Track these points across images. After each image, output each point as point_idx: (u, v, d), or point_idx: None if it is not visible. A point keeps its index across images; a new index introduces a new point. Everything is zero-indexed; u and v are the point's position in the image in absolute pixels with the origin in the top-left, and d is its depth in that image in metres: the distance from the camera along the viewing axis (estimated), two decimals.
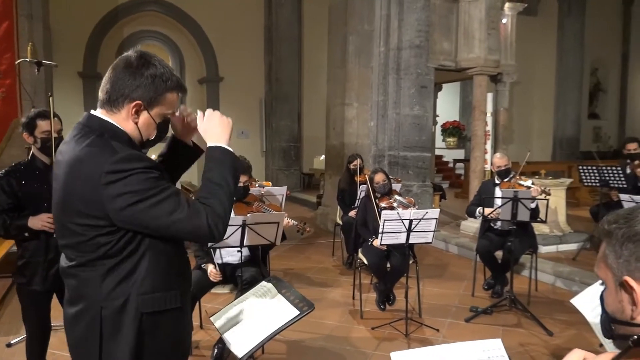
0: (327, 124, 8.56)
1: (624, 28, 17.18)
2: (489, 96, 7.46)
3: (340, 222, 6.21)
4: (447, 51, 7.69)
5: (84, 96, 11.21)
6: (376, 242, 4.21)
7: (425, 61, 7.47)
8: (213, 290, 3.79)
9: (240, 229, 3.18)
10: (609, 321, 0.94)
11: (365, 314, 4.45)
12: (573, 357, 0.91)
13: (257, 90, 12.54)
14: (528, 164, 11.87)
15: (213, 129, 1.59)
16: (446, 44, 7.68)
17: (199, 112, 1.66)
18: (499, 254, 4.89)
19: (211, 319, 2.27)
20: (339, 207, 6.41)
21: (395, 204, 4.44)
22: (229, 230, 3.17)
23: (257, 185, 5.03)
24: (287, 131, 12.42)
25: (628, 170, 5.82)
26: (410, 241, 3.97)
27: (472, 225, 7.05)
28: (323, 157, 9.64)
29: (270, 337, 2.06)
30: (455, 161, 14.16)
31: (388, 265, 4.43)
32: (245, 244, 3.28)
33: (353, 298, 4.85)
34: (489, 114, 7.38)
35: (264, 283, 2.33)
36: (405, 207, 4.33)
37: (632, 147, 5.90)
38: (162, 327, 1.53)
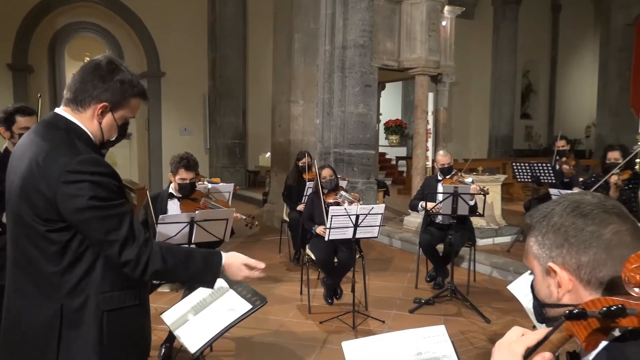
0: (272, 121, 8.56)
1: (552, 33, 18.27)
2: (430, 96, 7.72)
3: (287, 219, 6.24)
4: (390, 51, 7.89)
5: (13, 89, 10.58)
6: (320, 229, 4.31)
7: (369, 60, 7.63)
8: (159, 290, 3.72)
9: (188, 227, 3.15)
10: (540, 306, 1.03)
11: (314, 309, 4.51)
12: (513, 333, 0.99)
13: (201, 86, 12.31)
14: (466, 161, 12.38)
15: (236, 268, 1.74)
16: (389, 44, 7.88)
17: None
18: (440, 247, 5.10)
19: (162, 316, 2.25)
20: (285, 204, 6.44)
21: (340, 200, 4.53)
22: (177, 227, 3.13)
23: (205, 182, 4.98)
24: (232, 128, 12.29)
25: (557, 167, 6.22)
26: (357, 236, 4.07)
27: (414, 220, 7.29)
28: (269, 154, 9.62)
29: (224, 332, 2.06)
30: (398, 158, 14.54)
31: (335, 260, 4.51)
32: (193, 241, 3.24)
33: (301, 293, 4.90)
34: (429, 113, 7.64)
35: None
36: (350, 202, 4.43)
37: (560, 144, 6.31)
38: (122, 323, 1.55)
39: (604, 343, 0.91)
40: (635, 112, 9.65)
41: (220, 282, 2.29)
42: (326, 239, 4.00)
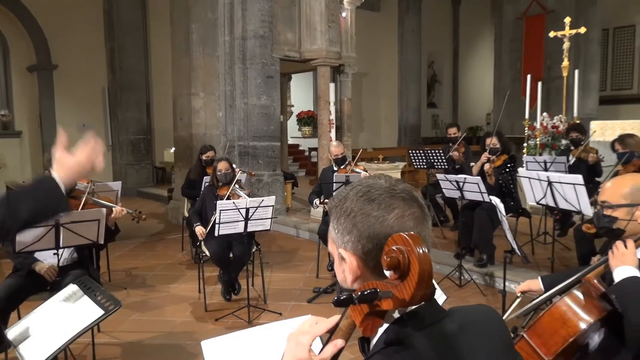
0: (174, 115, 8.26)
1: (453, 26, 19.18)
2: (332, 86, 7.79)
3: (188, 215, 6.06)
4: (291, 42, 7.86)
5: None
6: (198, 229, 4.36)
7: (270, 51, 7.56)
8: (32, 298, 3.44)
9: (54, 230, 2.92)
10: (340, 290, 1.02)
11: (210, 306, 4.41)
12: (305, 323, 0.98)
13: (99, 79, 11.58)
14: (375, 150, 12.69)
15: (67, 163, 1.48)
16: (290, 35, 7.85)
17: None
18: None
19: (7, 332, 2.06)
20: (186, 199, 6.24)
21: (231, 194, 4.44)
22: (42, 230, 2.90)
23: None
24: (135, 123, 11.70)
25: (450, 154, 6.52)
26: (249, 229, 4.02)
27: (321, 211, 7.35)
28: (174, 149, 9.29)
29: (72, 340, 1.93)
30: (310, 150, 14.63)
31: (231, 255, 4.43)
32: (62, 245, 3.02)
33: (199, 292, 4.77)
34: (332, 104, 7.72)
35: (70, 286, 2.18)
36: (240, 196, 4.36)
37: (452, 131, 6.61)
38: None
39: (385, 325, 0.92)
40: (525, 100, 10.33)
41: (73, 289, 2.15)
42: (216, 234, 3.91)
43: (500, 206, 3.20)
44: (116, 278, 5.28)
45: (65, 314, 2.00)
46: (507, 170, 4.88)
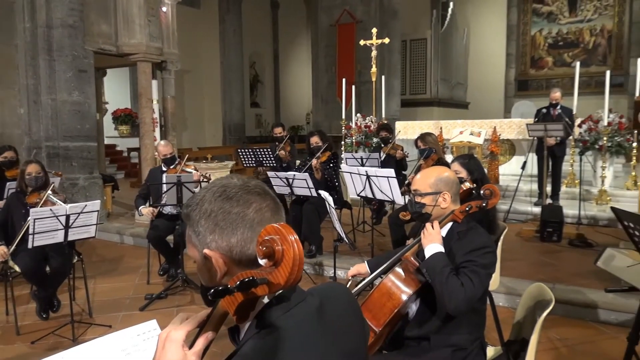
0: None
1: (273, 29, 19.82)
2: (154, 83, 7.46)
3: None
4: (107, 34, 7.29)
5: None
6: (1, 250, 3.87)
7: (82, 43, 6.89)
8: None
9: None
10: (206, 291, 1.05)
11: (24, 328, 3.90)
12: (176, 319, 0.99)
13: None
14: (201, 150, 12.49)
15: None
16: (105, 27, 7.27)
17: None
18: (170, 238, 5.01)
19: None
20: None
21: (42, 200, 3.97)
22: None
23: None
24: None
25: (277, 152, 6.77)
26: (70, 238, 3.65)
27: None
28: None
29: None
30: (130, 150, 13.73)
31: (48, 268, 3.98)
32: None
33: (7, 314, 4.18)
34: (155, 102, 7.39)
35: None
36: (54, 203, 3.94)
37: (278, 131, 6.87)
38: None
39: (256, 312, 0.98)
40: (340, 101, 11.22)
41: None
42: (29, 245, 3.47)
43: (330, 199, 3.48)
44: None
45: None
46: (331, 165, 5.29)
